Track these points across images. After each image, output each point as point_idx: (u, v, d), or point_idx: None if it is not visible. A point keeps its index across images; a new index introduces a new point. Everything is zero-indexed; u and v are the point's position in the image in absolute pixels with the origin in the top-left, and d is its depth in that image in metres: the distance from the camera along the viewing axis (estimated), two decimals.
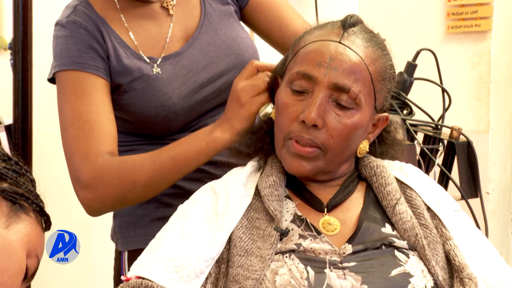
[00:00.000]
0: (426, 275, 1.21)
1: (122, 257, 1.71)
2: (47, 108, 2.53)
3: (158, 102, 1.56)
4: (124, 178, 1.45)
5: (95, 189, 1.46)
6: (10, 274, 1.12)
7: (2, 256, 1.11)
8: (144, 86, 1.56)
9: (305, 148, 1.26)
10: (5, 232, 1.13)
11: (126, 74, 1.55)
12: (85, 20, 1.53)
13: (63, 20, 1.55)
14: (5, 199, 1.15)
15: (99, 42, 1.53)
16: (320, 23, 1.36)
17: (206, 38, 1.62)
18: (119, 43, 1.55)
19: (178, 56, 1.59)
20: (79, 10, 1.55)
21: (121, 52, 1.55)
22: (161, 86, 1.56)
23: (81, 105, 1.49)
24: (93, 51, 1.52)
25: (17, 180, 1.18)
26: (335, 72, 1.24)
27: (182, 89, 1.58)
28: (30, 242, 1.17)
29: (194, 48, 1.61)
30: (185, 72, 1.59)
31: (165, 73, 1.57)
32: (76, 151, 1.48)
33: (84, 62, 1.51)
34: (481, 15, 3.11)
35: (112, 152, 1.48)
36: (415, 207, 1.31)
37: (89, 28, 1.53)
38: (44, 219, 1.23)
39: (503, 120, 3.27)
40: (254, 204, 1.29)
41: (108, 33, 1.54)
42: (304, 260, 1.19)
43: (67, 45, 1.52)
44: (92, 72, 1.51)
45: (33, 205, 1.19)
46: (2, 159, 1.19)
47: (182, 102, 1.58)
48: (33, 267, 1.19)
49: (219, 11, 1.66)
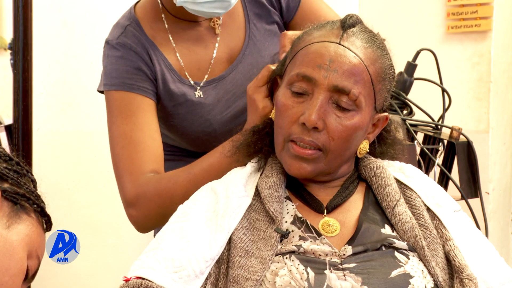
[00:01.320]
0: (426, 276, 1.21)
1: None
2: (47, 108, 2.54)
3: (199, 128, 1.61)
4: (162, 193, 1.49)
5: (138, 206, 1.51)
6: (11, 275, 1.12)
7: (3, 257, 1.11)
8: (187, 111, 1.60)
9: (305, 150, 1.26)
10: (6, 232, 1.13)
11: (171, 98, 1.59)
12: (135, 42, 1.57)
13: (113, 41, 1.58)
14: (6, 200, 1.15)
15: (147, 64, 1.57)
16: (311, 25, 1.36)
17: (250, 61, 1.64)
18: (166, 67, 1.58)
19: (221, 80, 1.62)
20: (129, 31, 1.58)
21: (167, 77, 1.58)
22: (203, 112, 1.60)
23: (126, 125, 1.54)
24: (141, 73, 1.56)
25: (18, 180, 1.18)
26: (335, 74, 1.24)
27: (223, 115, 1.62)
28: (31, 243, 1.17)
29: (238, 72, 1.63)
30: (228, 97, 1.62)
31: (208, 98, 1.60)
32: (121, 170, 1.54)
33: (132, 83, 1.55)
34: (481, 15, 3.10)
35: (155, 170, 1.53)
36: (415, 207, 1.30)
37: (139, 51, 1.57)
38: (45, 219, 1.23)
39: (503, 120, 3.26)
40: (254, 205, 1.29)
41: (157, 56, 1.58)
42: (304, 261, 1.19)
43: (117, 65, 1.56)
44: (140, 93, 1.55)
45: (34, 205, 1.19)
46: (3, 159, 1.19)
47: (222, 127, 1.62)
48: (33, 268, 1.19)
49: (264, 31, 1.67)
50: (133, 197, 1.51)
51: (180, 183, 1.49)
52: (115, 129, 1.56)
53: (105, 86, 1.58)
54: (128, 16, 1.62)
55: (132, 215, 1.53)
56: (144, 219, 1.53)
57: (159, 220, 1.52)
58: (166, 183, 1.50)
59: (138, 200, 1.51)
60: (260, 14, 1.67)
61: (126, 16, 1.63)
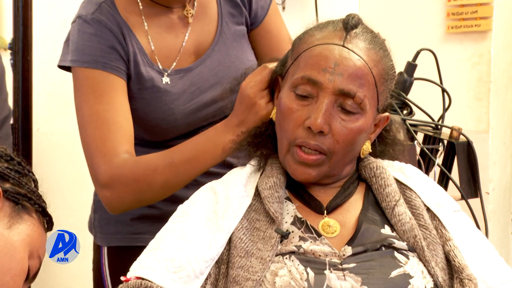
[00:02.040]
0: (426, 276, 1.21)
1: (102, 252, 1.74)
2: (47, 108, 2.54)
3: (161, 116, 1.58)
4: (139, 179, 1.47)
5: (112, 188, 1.48)
6: (12, 275, 1.12)
7: (4, 257, 1.11)
8: (152, 97, 1.57)
9: (309, 156, 1.26)
10: (7, 232, 1.13)
11: (139, 81, 1.56)
12: (110, 20, 1.54)
13: (87, 16, 1.55)
14: (8, 200, 1.16)
15: (121, 44, 1.54)
16: (312, 24, 1.35)
17: (218, 57, 1.63)
18: (139, 49, 1.56)
19: (189, 72, 1.61)
20: (104, 8, 1.55)
21: (138, 59, 1.56)
22: (167, 100, 1.58)
23: (99, 105, 1.50)
24: (115, 52, 1.53)
25: (20, 180, 1.18)
26: (340, 78, 1.24)
27: (187, 106, 1.60)
28: (32, 243, 1.17)
29: (205, 66, 1.62)
30: (193, 90, 1.61)
31: (174, 87, 1.58)
32: (94, 150, 1.50)
33: (106, 62, 1.52)
34: (481, 15, 3.10)
35: (129, 151, 1.50)
36: (415, 208, 1.30)
37: (114, 30, 1.54)
38: (46, 219, 1.23)
39: (503, 120, 3.26)
40: (254, 205, 1.29)
41: (130, 37, 1.55)
42: (304, 262, 1.19)
43: (91, 42, 1.53)
44: (113, 73, 1.52)
45: (35, 205, 1.19)
46: (4, 159, 1.19)
47: (184, 118, 1.60)
48: (35, 268, 1.19)
49: (234, 31, 1.66)
50: (108, 179, 1.48)
51: (160, 171, 1.46)
52: (87, 109, 1.51)
53: (74, 62, 1.54)
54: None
55: (106, 196, 1.49)
56: (117, 201, 1.50)
57: (134, 204, 1.52)
58: (145, 169, 1.47)
59: (113, 182, 1.47)
60: (233, 13, 1.66)
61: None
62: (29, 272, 1.18)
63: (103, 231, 1.73)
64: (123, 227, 1.65)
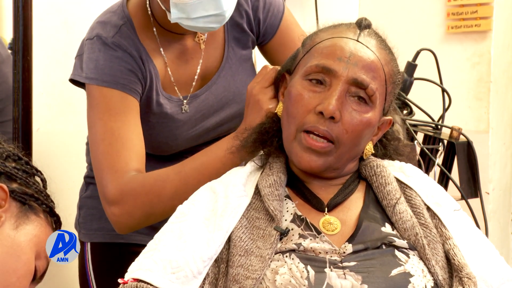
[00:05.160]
0: (426, 274, 1.21)
1: (85, 248, 1.75)
2: (47, 108, 2.53)
3: (164, 140, 1.62)
4: (149, 191, 1.47)
5: (121, 204, 1.48)
6: (19, 276, 1.12)
7: (10, 258, 1.11)
8: (157, 122, 1.60)
9: (317, 142, 1.26)
10: (14, 233, 1.13)
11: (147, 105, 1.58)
12: (130, 45, 1.56)
13: (108, 39, 1.56)
14: (15, 200, 1.15)
15: (140, 68, 1.56)
16: (322, 25, 1.37)
17: (223, 83, 1.64)
18: (155, 74, 1.58)
19: (195, 99, 1.63)
20: (124, 32, 1.57)
21: (153, 84, 1.58)
22: (173, 127, 1.60)
23: (114, 122, 1.51)
24: (134, 76, 1.55)
25: (27, 180, 1.18)
26: (355, 68, 1.26)
27: (189, 132, 1.62)
28: (39, 243, 1.16)
29: (211, 93, 1.64)
30: (198, 116, 1.63)
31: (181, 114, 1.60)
32: (105, 167, 1.50)
33: (125, 84, 1.53)
34: (481, 15, 3.10)
35: (139, 169, 1.51)
36: (415, 206, 1.31)
37: (134, 54, 1.56)
38: (54, 219, 1.23)
39: (503, 120, 3.26)
40: (254, 204, 1.29)
41: (148, 63, 1.57)
42: (304, 260, 1.19)
43: (111, 63, 1.54)
44: (130, 94, 1.54)
45: (42, 205, 1.18)
46: (12, 159, 1.18)
47: (185, 143, 1.63)
48: (42, 268, 1.19)
49: (240, 56, 1.67)
50: (117, 195, 1.47)
51: (170, 181, 1.47)
52: (102, 126, 1.52)
53: (92, 80, 1.55)
54: (122, 15, 1.60)
55: (114, 213, 1.49)
56: (126, 218, 1.49)
57: (144, 219, 1.51)
58: (154, 181, 1.47)
59: (122, 197, 1.47)
60: (239, 38, 1.67)
61: (118, 13, 1.60)
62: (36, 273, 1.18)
63: (86, 227, 1.74)
64: (106, 224, 1.63)
